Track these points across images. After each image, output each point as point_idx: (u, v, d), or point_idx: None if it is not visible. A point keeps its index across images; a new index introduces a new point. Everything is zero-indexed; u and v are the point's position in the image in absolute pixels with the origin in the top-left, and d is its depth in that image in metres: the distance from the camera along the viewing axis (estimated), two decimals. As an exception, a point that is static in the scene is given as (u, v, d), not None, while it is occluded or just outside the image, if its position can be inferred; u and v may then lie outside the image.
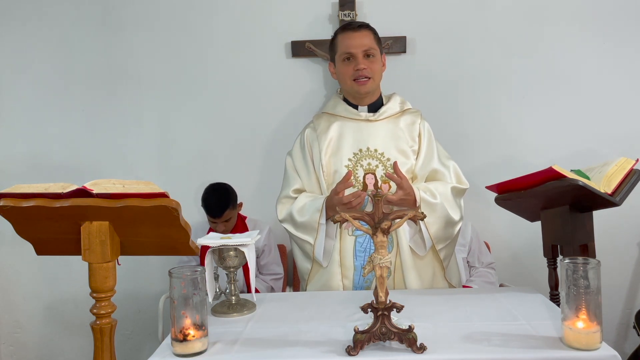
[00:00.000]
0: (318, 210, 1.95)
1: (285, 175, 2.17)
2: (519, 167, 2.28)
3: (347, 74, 2.04)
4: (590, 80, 2.96)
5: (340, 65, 2.07)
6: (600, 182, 1.67)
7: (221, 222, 2.73)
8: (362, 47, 2.02)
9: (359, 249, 2.00)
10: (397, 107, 2.14)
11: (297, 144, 2.17)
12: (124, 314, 2.20)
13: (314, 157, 2.09)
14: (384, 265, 1.36)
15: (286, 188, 2.13)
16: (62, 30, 3.09)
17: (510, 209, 2.01)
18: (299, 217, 2.01)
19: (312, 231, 1.98)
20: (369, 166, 2.04)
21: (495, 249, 2.92)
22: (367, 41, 2.03)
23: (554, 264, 1.92)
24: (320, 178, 2.06)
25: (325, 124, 2.12)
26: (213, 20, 3.05)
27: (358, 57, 2.02)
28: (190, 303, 1.38)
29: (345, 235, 2.01)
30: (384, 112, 2.11)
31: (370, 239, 1.96)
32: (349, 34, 2.03)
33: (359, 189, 2.01)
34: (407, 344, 1.34)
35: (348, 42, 2.02)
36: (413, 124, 2.11)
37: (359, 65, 2.01)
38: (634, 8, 2.93)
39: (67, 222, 1.41)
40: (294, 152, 2.16)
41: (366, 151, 2.05)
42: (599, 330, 1.32)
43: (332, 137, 2.08)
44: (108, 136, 3.11)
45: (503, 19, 2.97)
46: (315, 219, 1.96)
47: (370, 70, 2.03)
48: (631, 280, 3.02)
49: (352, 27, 2.05)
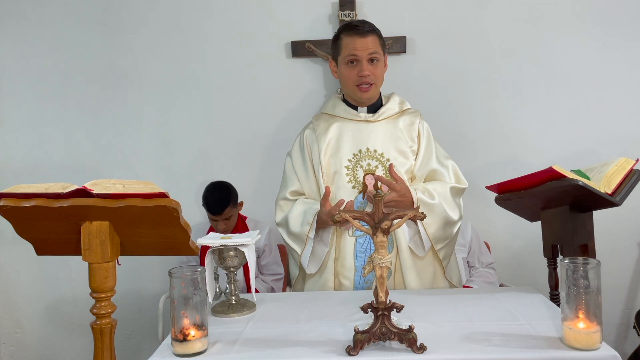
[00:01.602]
0: (308, 223, 1.97)
1: (284, 176, 2.17)
2: (519, 167, 2.29)
3: (351, 78, 2.04)
4: (590, 80, 2.96)
5: (343, 68, 2.06)
6: (600, 182, 1.67)
7: (222, 220, 2.73)
8: (367, 53, 2.00)
9: (359, 249, 2.00)
10: (396, 107, 2.14)
11: (296, 144, 2.18)
12: (124, 314, 2.20)
13: (313, 158, 2.09)
14: (384, 265, 1.37)
15: (283, 189, 2.14)
16: (62, 30, 3.08)
17: (510, 209, 2.01)
18: (292, 225, 2.03)
19: (300, 242, 2.01)
20: (369, 167, 2.04)
21: (495, 249, 2.92)
22: (373, 46, 2.01)
23: (554, 264, 1.91)
24: (319, 179, 2.06)
25: (324, 125, 2.12)
26: (213, 20, 3.05)
27: (363, 63, 2.01)
28: (190, 303, 1.38)
29: (345, 236, 2.01)
30: (383, 112, 2.11)
31: (371, 239, 1.97)
32: (356, 38, 2.01)
33: (358, 189, 2.01)
34: (407, 344, 1.34)
35: (354, 45, 2.01)
36: (412, 124, 2.11)
37: (364, 71, 2.00)
38: (634, 8, 2.93)
39: (67, 222, 1.41)
40: (293, 153, 2.17)
41: (366, 152, 2.05)
42: (599, 330, 1.32)
43: (331, 138, 2.08)
44: (108, 136, 3.11)
45: (503, 19, 2.97)
46: (304, 231, 1.98)
47: (373, 77, 2.03)
48: (631, 280, 3.02)
49: (359, 32, 2.01)
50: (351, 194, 2.01)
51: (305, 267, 2.02)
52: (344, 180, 2.02)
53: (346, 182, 2.02)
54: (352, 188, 2.01)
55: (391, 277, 2.00)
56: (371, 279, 1.99)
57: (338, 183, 2.03)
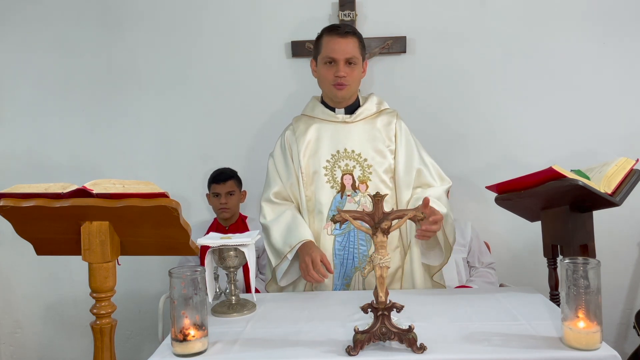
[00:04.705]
0: (291, 246, 1.96)
1: (267, 177, 2.20)
2: (519, 167, 2.28)
3: (327, 77, 2.06)
4: (591, 80, 2.96)
5: (321, 67, 2.08)
6: (600, 182, 1.67)
7: (224, 194, 2.79)
8: (345, 54, 2.01)
9: (337, 247, 2.02)
10: (374, 107, 2.16)
11: (278, 145, 2.20)
12: (124, 314, 2.19)
13: (293, 158, 2.12)
14: (384, 265, 1.37)
15: (267, 190, 2.16)
16: (62, 30, 3.09)
17: (510, 209, 2.01)
18: (273, 237, 2.03)
19: (278, 257, 2.01)
20: (347, 167, 2.06)
21: (495, 249, 2.92)
22: (351, 49, 2.02)
23: (554, 264, 1.92)
24: (299, 179, 2.08)
25: (303, 126, 2.15)
26: (213, 21, 3.05)
27: (339, 64, 2.02)
28: (190, 303, 1.38)
29: (324, 235, 2.03)
30: (360, 113, 2.13)
31: (350, 238, 2.01)
32: (335, 38, 2.03)
33: (337, 189, 2.04)
34: (407, 344, 1.34)
35: (332, 46, 2.03)
36: (389, 124, 2.13)
37: (339, 72, 2.02)
38: (634, 8, 2.93)
39: (67, 222, 1.41)
40: (275, 154, 2.19)
41: (343, 152, 2.08)
42: (599, 330, 1.32)
43: (310, 139, 2.11)
44: (108, 136, 3.11)
45: (503, 19, 2.97)
46: (285, 251, 1.98)
47: (349, 78, 2.04)
48: (631, 280, 3.02)
49: (338, 32, 2.03)
50: (330, 194, 2.04)
51: (279, 280, 2.04)
52: (323, 181, 2.05)
53: (325, 182, 2.05)
54: (330, 188, 2.05)
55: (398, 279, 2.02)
56: (350, 276, 2.01)
57: (317, 183, 2.06)
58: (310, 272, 1.86)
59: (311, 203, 2.06)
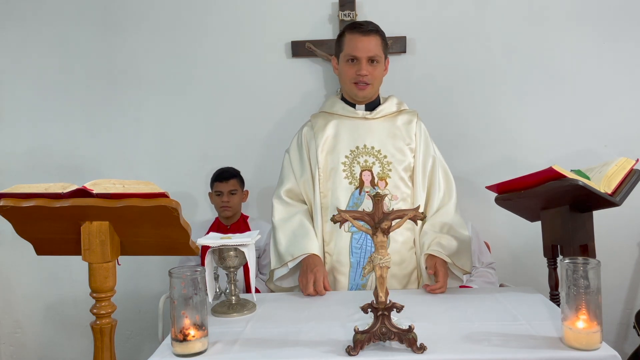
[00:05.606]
0: (293, 256, 1.95)
1: (281, 173, 2.19)
2: (519, 167, 2.28)
3: (349, 75, 2.06)
4: (590, 80, 2.96)
5: (343, 65, 2.08)
6: (600, 182, 1.67)
7: (226, 193, 2.79)
8: (367, 52, 2.01)
9: (355, 245, 2.01)
10: (394, 107, 2.16)
11: (294, 141, 2.19)
12: (124, 314, 2.19)
13: (310, 155, 2.11)
14: (384, 265, 1.37)
15: (280, 187, 2.15)
16: (62, 30, 3.09)
17: (510, 209, 2.01)
18: (278, 240, 2.02)
19: (278, 261, 2.00)
20: (366, 163, 2.05)
21: (495, 249, 2.92)
22: (374, 47, 2.02)
23: (554, 264, 1.91)
24: (315, 176, 2.07)
25: (322, 122, 2.13)
26: (213, 21, 3.05)
27: (362, 62, 2.02)
28: (190, 303, 1.38)
29: (341, 232, 2.01)
30: (381, 110, 2.12)
31: (367, 236, 1.97)
32: (358, 36, 2.02)
33: (355, 185, 2.02)
34: (407, 344, 1.34)
35: (355, 44, 2.02)
36: (410, 122, 2.12)
37: (362, 70, 2.02)
38: (634, 8, 2.93)
39: (67, 222, 1.41)
40: (291, 150, 2.19)
41: (363, 148, 2.06)
42: (599, 330, 1.32)
43: (328, 135, 2.10)
44: (108, 136, 3.11)
45: (503, 19, 2.97)
46: (286, 258, 1.97)
47: (371, 77, 2.04)
48: (631, 280, 3.02)
49: (361, 30, 2.03)
50: (348, 190, 2.02)
51: (274, 280, 2.04)
52: (341, 177, 2.04)
53: (342, 178, 2.03)
54: (348, 184, 2.02)
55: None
56: (368, 277, 2.00)
57: (334, 179, 2.04)
58: (309, 291, 1.85)
59: (326, 200, 2.04)
